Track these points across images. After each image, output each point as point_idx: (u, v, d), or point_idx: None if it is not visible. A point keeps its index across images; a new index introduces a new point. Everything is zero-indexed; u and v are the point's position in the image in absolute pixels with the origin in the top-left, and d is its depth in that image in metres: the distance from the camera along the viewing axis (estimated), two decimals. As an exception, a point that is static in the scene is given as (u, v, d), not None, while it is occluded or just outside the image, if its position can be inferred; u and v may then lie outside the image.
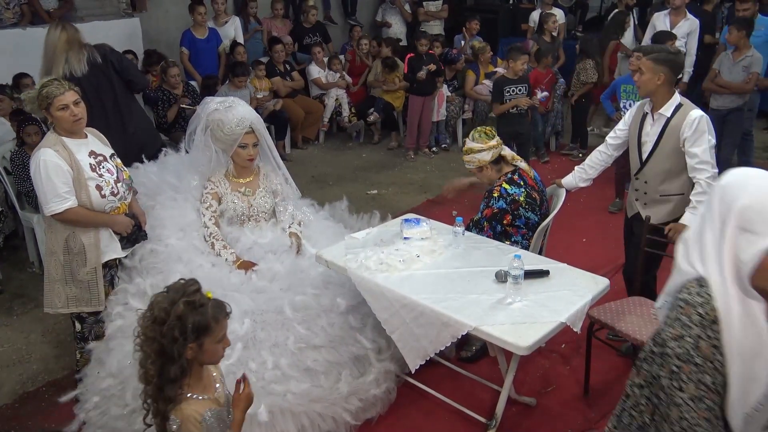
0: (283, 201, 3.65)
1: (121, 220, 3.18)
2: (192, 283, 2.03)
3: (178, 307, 1.94)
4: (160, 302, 1.98)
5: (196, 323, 1.95)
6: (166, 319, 1.93)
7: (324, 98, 7.67)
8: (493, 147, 3.47)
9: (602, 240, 5.12)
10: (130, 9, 7.09)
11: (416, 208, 5.71)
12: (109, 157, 3.19)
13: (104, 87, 4.19)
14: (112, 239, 3.17)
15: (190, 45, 6.89)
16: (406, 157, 7.24)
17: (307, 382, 2.97)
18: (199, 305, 1.98)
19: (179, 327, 1.93)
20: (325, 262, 3.19)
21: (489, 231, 3.51)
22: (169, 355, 1.94)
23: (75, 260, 3.07)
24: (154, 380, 1.97)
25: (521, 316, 2.67)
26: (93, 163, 3.07)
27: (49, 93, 2.94)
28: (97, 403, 2.90)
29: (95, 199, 3.05)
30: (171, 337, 1.93)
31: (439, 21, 8.82)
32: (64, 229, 3.05)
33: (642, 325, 3.03)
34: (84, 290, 3.11)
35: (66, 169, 2.95)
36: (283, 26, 8.07)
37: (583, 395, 3.34)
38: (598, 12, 10.66)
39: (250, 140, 3.46)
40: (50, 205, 2.95)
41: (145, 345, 1.98)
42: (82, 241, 3.06)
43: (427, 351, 2.81)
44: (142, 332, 1.99)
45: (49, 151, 2.94)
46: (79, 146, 3.06)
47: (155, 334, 1.94)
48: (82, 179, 3.01)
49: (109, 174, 3.13)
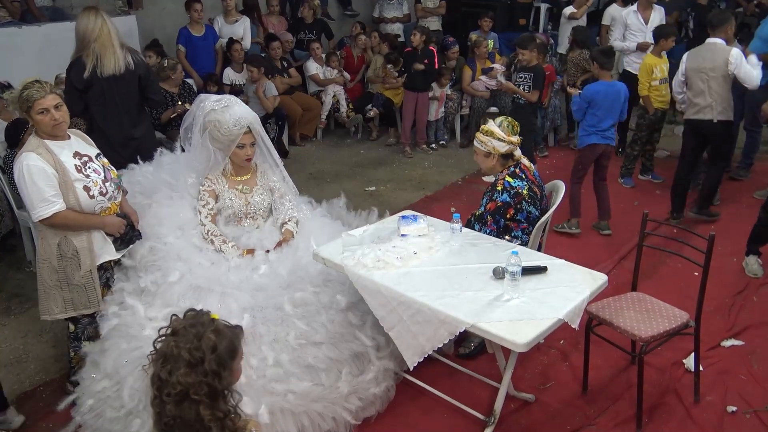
0: (280, 198, 3.64)
1: (113, 221, 3.10)
2: (201, 312, 1.97)
3: (208, 340, 1.86)
4: (182, 345, 1.86)
5: (226, 349, 1.89)
6: (203, 357, 1.84)
7: (322, 95, 7.66)
8: (512, 142, 3.50)
9: (600, 235, 5.11)
10: (126, 7, 7.07)
11: (414, 204, 5.69)
12: (95, 157, 3.11)
13: (125, 92, 4.17)
14: (105, 241, 3.11)
15: (187, 42, 6.87)
16: (403, 153, 7.23)
17: (307, 379, 2.96)
18: (222, 330, 1.92)
19: (216, 359, 1.85)
20: (322, 259, 3.18)
21: (492, 225, 3.50)
22: (216, 392, 1.87)
23: (69, 265, 3.01)
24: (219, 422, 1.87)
25: (519, 312, 2.66)
26: (78, 164, 2.99)
27: (29, 96, 2.84)
28: (92, 406, 2.89)
29: (84, 201, 2.97)
30: (212, 372, 1.84)
31: (436, 17, 8.80)
32: (54, 235, 2.98)
33: (640, 320, 3.02)
34: (81, 293, 3.06)
35: (51, 172, 2.87)
36: (279, 23, 8.04)
37: (582, 392, 3.34)
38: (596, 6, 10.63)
39: (248, 140, 3.44)
40: (37, 210, 2.87)
41: (190, 394, 1.84)
42: (74, 245, 2.99)
43: (424, 348, 2.80)
44: (180, 384, 1.83)
45: (31, 155, 2.86)
46: (62, 148, 2.98)
47: (198, 378, 1.83)
48: (68, 181, 2.93)
49: (96, 174, 3.05)
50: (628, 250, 4.72)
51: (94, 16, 3.96)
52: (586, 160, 5.05)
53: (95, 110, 4.13)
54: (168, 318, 3.01)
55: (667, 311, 3.10)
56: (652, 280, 4.26)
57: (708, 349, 3.61)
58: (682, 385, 3.34)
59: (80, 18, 4.00)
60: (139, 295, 3.13)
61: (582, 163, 5.08)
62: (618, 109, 4.94)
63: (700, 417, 3.13)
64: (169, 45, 7.05)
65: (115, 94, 4.12)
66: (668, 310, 3.12)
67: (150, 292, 3.12)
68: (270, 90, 6.71)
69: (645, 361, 3.00)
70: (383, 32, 8.40)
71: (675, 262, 4.34)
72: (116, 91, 4.11)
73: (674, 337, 3.08)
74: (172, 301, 3.08)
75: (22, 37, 5.72)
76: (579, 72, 7.07)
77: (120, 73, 4.06)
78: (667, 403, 3.24)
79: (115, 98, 4.12)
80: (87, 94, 4.08)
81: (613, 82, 5.02)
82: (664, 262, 4.52)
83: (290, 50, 7.80)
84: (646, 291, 3.34)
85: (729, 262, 4.60)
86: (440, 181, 6.44)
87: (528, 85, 5.90)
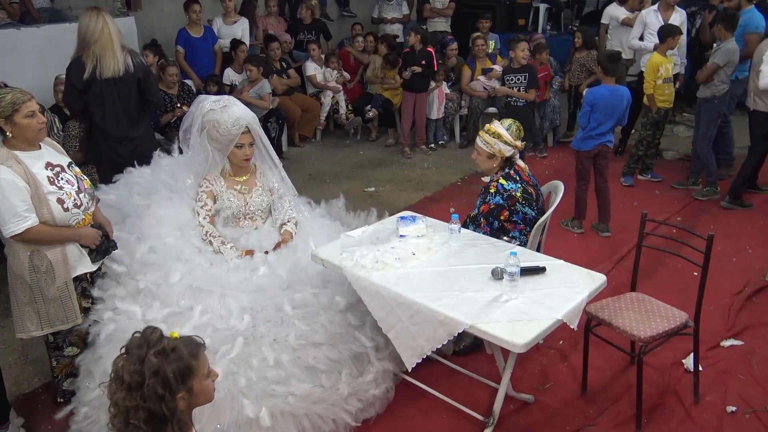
0: (280, 198, 3.64)
1: (87, 232, 2.96)
2: (152, 331, 1.84)
3: (149, 363, 1.75)
4: (125, 366, 1.77)
5: (176, 370, 1.77)
6: (143, 381, 1.74)
7: (321, 96, 7.65)
8: (517, 147, 3.51)
9: (599, 236, 5.11)
10: (125, 8, 7.06)
11: (413, 205, 5.69)
12: (67, 167, 2.97)
13: (124, 94, 4.16)
14: (81, 254, 2.97)
15: (186, 44, 6.87)
16: (402, 154, 7.23)
17: (308, 381, 2.96)
18: (171, 350, 1.79)
19: (160, 382, 1.74)
20: (321, 260, 3.18)
21: (486, 227, 3.50)
22: (161, 417, 1.75)
23: (42, 278, 2.87)
24: None
25: (517, 313, 2.66)
26: (50, 175, 2.84)
27: (15, 99, 2.71)
28: (86, 414, 2.88)
29: (58, 214, 2.83)
30: (155, 396, 1.73)
31: (444, 18, 8.77)
32: (26, 249, 2.83)
33: (640, 321, 3.02)
34: (57, 307, 2.94)
35: (22, 185, 2.71)
36: (278, 24, 8.04)
37: (581, 392, 3.33)
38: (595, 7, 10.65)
39: (247, 140, 3.44)
40: (8, 226, 2.72)
41: (129, 419, 1.75)
42: (48, 257, 2.85)
43: (423, 349, 2.79)
44: (118, 407, 1.75)
45: (1, 168, 2.70)
46: (34, 159, 2.83)
47: (136, 402, 1.73)
48: (41, 194, 2.77)
49: (69, 185, 2.90)
50: (627, 251, 4.71)
51: (96, 16, 3.94)
52: (585, 161, 5.04)
53: (94, 110, 4.14)
54: (167, 320, 3.04)
55: (666, 311, 3.10)
56: (652, 280, 4.25)
57: (707, 349, 3.60)
58: (682, 386, 3.33)
59: (82, 18, 3.98)
60: (134, 298, 3.11)
61: (582, 164, 5.07)
62: (618, 115, 4.89)
63: (700, 417, 3.13)
64: (168, 46, 7.05)
65: (115, 96, 4.11)
66: (667, 310, 3.11)
67: (150, 293, 3.11)
68: (264, 88, 6.69)
69: (644, 361, 2.99)
70: (382, 33, 8.40)
71: (674, 263, 4.33)
72: (115, 93, 4.11)
73: (673, 338, 3.08)
74: (172, 302, 3.07)
75: (20, 39, 5.71)
76: (584, 73, 7.07)
77: (119, 75, 4.05)
78: (666, 404, 3.23)
79: (114, 99, 4.12)
80: (86, 94, 4.09)
81: (617, 87, 4.95)
82: (663, 263, 4.51)
83: (289, 51, 7.80)
84: (646, 291, 3.34)
85: (728, 262, 4.59)
86: (439, 182, 6.43)
87: (523, 86, 5.90)
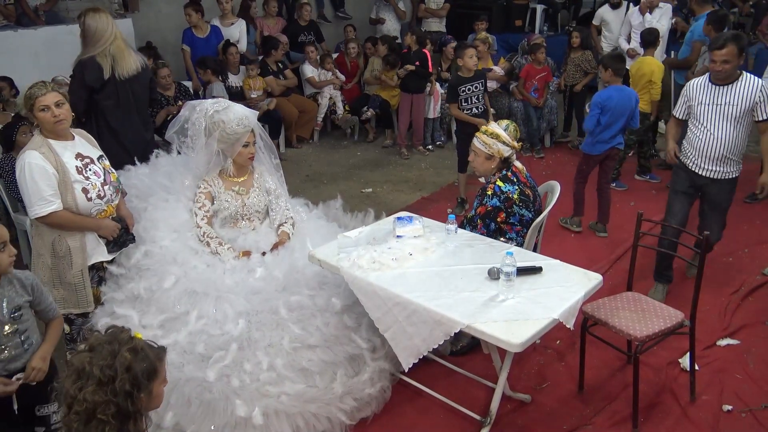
0: (277, 199, 3.64)
1: (107, 224, 3.13)
2: (121, 330, 1.88)
3: (123, 359, 1.77)
4: (96, 361, 1.77)
5: (144, 370, 1.79)
6: (115, 376, 1.75)
7: (318, 97, 7.66)
8: (515, 147, 3.52)
9: (596, 236, 5.12)
10: (123, 9, 7.08)
11: (411, 205, 5.70)
12: (97, 159, 3.15)
13: (139, 92, 4.18)
14: (98, 243, 3.14)
15: (190, 44, 6.84)
16: (400, 155, 7.24)
17: (302, 382, 2.96)
18: (140, 349, 1.83)
19: (129, 379, 1.75)
20: (318, 261, 3.18)
21: (482, 228, 3.51)
22: (127, 414, 1.76)
23: (61, 263, 3.05)
24: None
25: (514, 313, 2.67)
26: (79, 165, 3.03)
27: (32, 94, 2.91)
28: None
29: (81, 203, 3.02)
30: (124, 393, 1.74)
31: (439, 19, 8.78)
32: (50, 233, 3.03)
33: (636, 320, 3.03)
34: (71, 292, 3.09)
35: (51, 171, 2.92)
36: (276, 25, 8.04)
37: (578, 391, 3.34)
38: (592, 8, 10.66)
39: (251, 138, 3.49)
40: (34, 208, 2.92)
41: (96, 413, 1.74)
42: (68, 244, 3.04)
43: (420, 349, 2.80)
44: (87, 402, 1.74)
45: (34, 153, 2.91)
46: (65, 148, 3.02)
47: (107, 397, 1.73)
48: (68, 182, 2.97)
49: (96, 177, 3.09)
50: (623, 251, 4.72)
51: (106, 17, 3.97)
52: (591, 162, 5.04)
53: (108, 111, 4.09)
54: (164, 324, 3.05)
55: (663, 311, 3.11)
56: (648, 280, 4.26)
57: (704, 348, 3.61)
58: (678, 385, 3.34)
59: (89, 18, 3.96)
60: (132, 303, 3.13)
61: (587, 165, 5.06)
62: (627, 115, 4.84)
63: (696, 416, 3.14)
64: (165, 48, 7.05)
65: (130, 95, 4.11)
66: (663, 309, 3.12)
67: (144, 300, 3.13)
68: (217, 90, 6.30)
69: (641, 360, 3.00)
70: (381, 34, 8.41)
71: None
72: (131, 92, 4.11)
73: (670, 337, 3.09)
74: (168, 306, 3.08)
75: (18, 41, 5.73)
76: (579, 73, 7.09)
77: (135, 74, 4.07)
78: (663, 403, 3.24)
79: (129, 99, 4.12)
80: (100, 94, 4.05)
81: (623, 87, 4.94)
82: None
83: (286, 52, 7.80)
84: (642, 291, 3.35)
85: (724, 262, 4.61)
86: (437, 182, 6.44)
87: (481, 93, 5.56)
